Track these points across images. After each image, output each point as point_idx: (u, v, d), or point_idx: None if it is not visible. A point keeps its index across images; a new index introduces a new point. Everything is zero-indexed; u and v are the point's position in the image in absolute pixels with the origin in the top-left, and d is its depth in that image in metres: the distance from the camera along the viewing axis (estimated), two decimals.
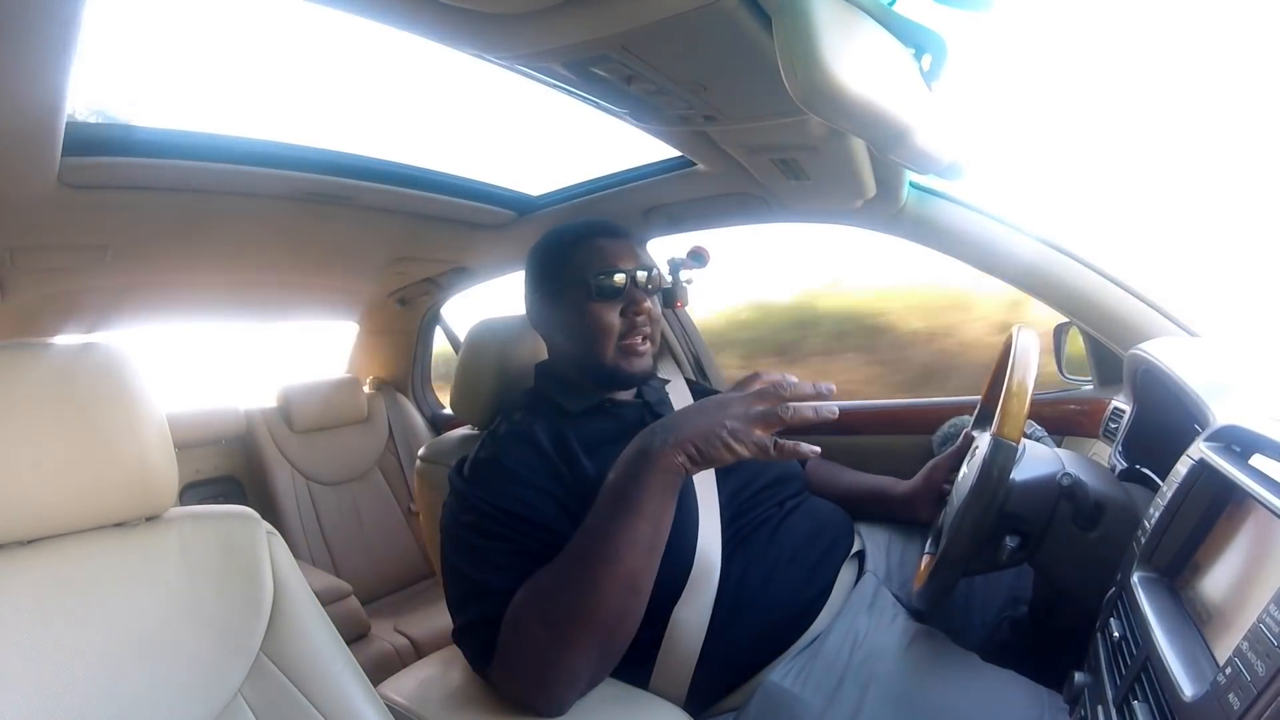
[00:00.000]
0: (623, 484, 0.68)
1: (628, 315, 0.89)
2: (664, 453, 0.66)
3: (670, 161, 1.22)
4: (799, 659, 0.78)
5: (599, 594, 0.65)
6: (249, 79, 4.63)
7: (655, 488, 0.67)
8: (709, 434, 0.66)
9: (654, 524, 0.67)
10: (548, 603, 0.68)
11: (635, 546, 0.66)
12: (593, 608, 0.66)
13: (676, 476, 0.67)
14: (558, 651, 0.67)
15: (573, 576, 0.67)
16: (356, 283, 1.94)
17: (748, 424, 0.65)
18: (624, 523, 0.66)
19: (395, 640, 1.65)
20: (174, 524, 0.65)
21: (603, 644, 0.68)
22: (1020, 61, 2.21)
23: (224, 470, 2.01)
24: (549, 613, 0.67)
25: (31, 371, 0.58)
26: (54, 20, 0.60)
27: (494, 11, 0.64)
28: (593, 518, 0.69)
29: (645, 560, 0.67)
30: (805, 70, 0.54)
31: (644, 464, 0.67)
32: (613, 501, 0.68)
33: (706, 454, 0.66)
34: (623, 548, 0.66)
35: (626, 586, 0.66)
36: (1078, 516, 0.74)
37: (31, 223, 1.09)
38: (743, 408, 0.67)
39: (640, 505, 0.66)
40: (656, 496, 0.67)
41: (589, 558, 0.67)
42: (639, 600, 0.68)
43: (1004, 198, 1.15)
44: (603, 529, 0.67)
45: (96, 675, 0.56)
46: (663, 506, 0.68)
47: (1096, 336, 1.16)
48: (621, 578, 0.66)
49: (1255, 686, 0.37)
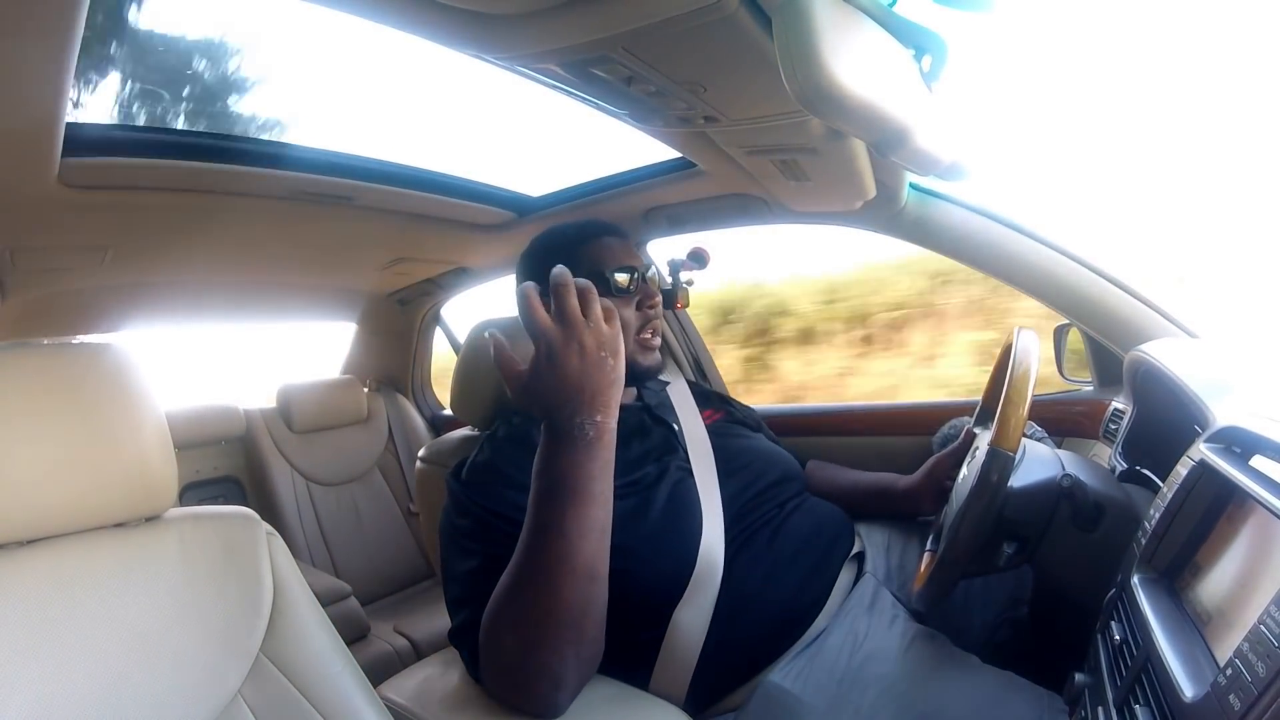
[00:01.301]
0: (563, 473, 0.64)
1: (643, 309, 0.91)
2: (592, 427, 0.63)
3: (670, 163, 1.22)
4: (799, 659, 0.78)
5: (559, 591, 0.63)
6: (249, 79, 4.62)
7: (599, 468, 0.64)
8: (598, 378, 0.63)
9: (603, 506, 0.65)
10: (511, 607, 0.66)
11: (590, 535, 0.64)
12: (554, 605, 0.64)
13: (610, 443, 0.65)
14: (531, 655, 0.65)
15: (530, 579, 0.65)
16: (356, 283, 1.94)
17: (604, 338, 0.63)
18: (578, 513, 0.63)
19: (395, 641, 1.65)
20: (174, 524, 0.65)
21: (574, 638, 0.66)
22: (1020, 62, 2.21)
23: (224, 470, 2.01)
24: (513, 617, 0.66)
25: (31, 371, 0.58)
26: (54, 21, 0.60)
27: (494, 12, 0.64)
28: (539, 515, 0.65)
29: (599, 544, 0.65)
30: (805, 70, 0.54)
31: (581, 449, 0.63)
32: (559, 493, 0.64)
33: (610, 392, 0.64)
34: (577, 540, 0.63)
35: (586, 576, 0.64)
36: (1078, 518, 0.74)
37: (31, 223, 1.09)
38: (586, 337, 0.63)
39: (590, 491, 0.64)
40: (601, 477, 0.65)
41: (544, 557, 0.64)
42: (599, 585, 0.66)
43: (1004, 198, 1.15)
44: (556, 525, 0.64)
45: (96, 676, 0.56)
46: (608, 485, 0.65)
47: (1096, 337, 1.16)
48: (581, 569, 0.64)
49: (1256, 687, 0.37)
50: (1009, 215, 1.14)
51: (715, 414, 1.05)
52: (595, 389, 0.63)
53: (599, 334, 0.64)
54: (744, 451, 0.96)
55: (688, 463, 0.89)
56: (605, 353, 0.63)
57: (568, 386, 0.63)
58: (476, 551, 0.76)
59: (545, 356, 0.63)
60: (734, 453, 0.94)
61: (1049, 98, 2.57)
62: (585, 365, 0.63)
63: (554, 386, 0.63)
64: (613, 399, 0.65)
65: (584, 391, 0.63)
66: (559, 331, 0.63)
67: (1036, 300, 1.16)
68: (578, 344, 0.63)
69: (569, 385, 0.63)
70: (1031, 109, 2.53)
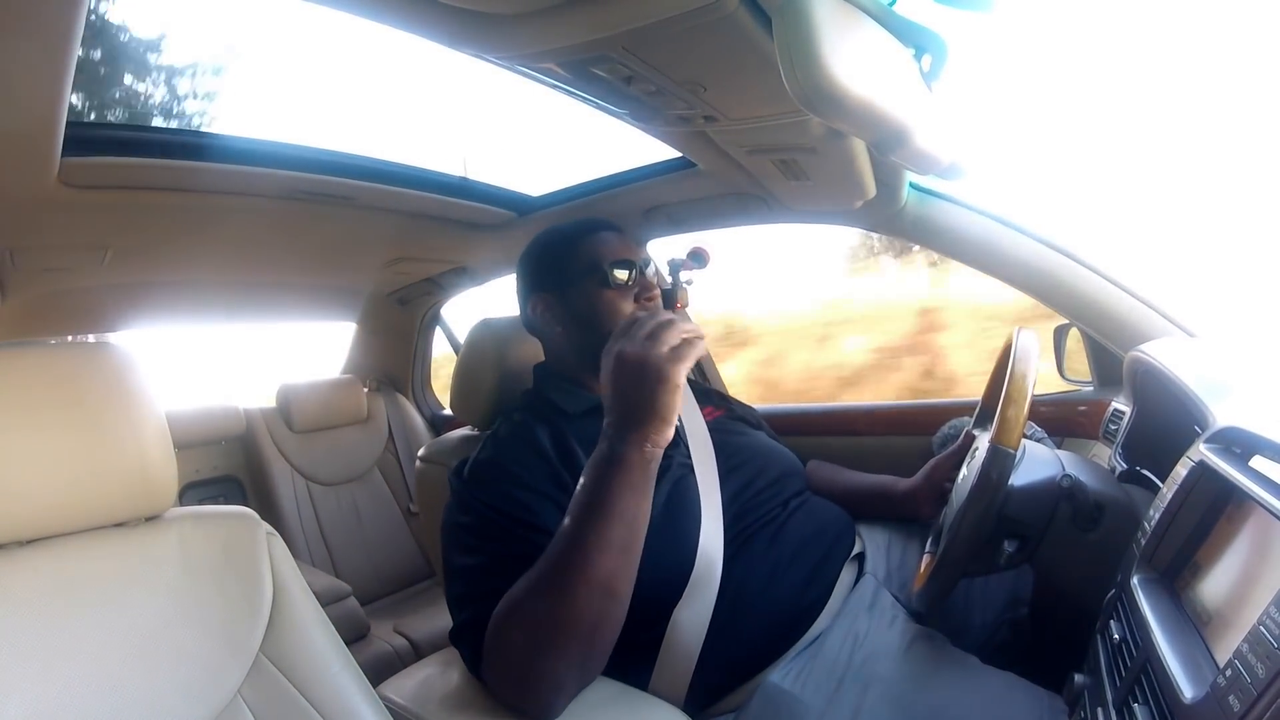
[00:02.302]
0: (591, 488, 0.65)
1: (640, 303, 0.91)
2: (628, 448, 0.65)
3: (670, 162, 1.22)
4: (799, 660, 0.78)
5: (573, 601, 0.64)
6: (249, 79, 4.64)
7: (624, 487, 0.65)
8: (651, 400, 0.64)
9: (627, 525, 0.65)
10: (525, 611, 0.66)
11: (608, 550, 0.64)
12: (567, 615, 0.64)
13: (648, 466, 0.66)
14: (538, 658, 0.65)
15: (547, 585, 0.65)
16: (356, 283, 1.94)
17: (667, 360, 0.64)
18: (595, 528, 0.64)
19: (394, 641, 1.64)
20: (174, 524, 0.65)
21: (583, 649, 0.66)
22: (1021, 61, 2.21)
23: (224, 470, 2.00)
24: (526, 621, 0.66)
25: (31, 371, 0.58)
26: (54, 20, 0.60)
27: (494, 11, 0.64)
28: (566, 524, 0.67)
29: (619, 562, 0.65)
30: (805, 70, 0.54)
31: (611, 466, 0.65)
32: (584, 507, 0.65)
33: (662, 415, 0.64)
34: (594, 554, 0.64)
35: (601, 591, 0.64)
36: (1078, 518, 0.74)
37: (31, 223, 1.09)
38: (654, 348, 0.65)
39: (610, 508, 0.64)
40: (627, 495, 0.65)
41: (561, 565, 0.65)
42: (616, 602, 0.66)
43: (1004, 198, 1.15)
44: (574, 536, 0.65)
45: (95, 675, 0.56)
46: (636, 505, 0.66)
47: (1096, 338, 1.16)
48: (595, 583, 0.64)
49: (1255, 688, 0.37)
50: (1009, 215, 1.14)
51: (715, 411, 1.05)
52: (646, 410, 0.64)
53: (656, 354, 0.64)
54: (745, 449, 0.96)
55: (689, 459, 0.89)
56: (666, 379, 0.64)
57: (627, 396, 0.66)
58: (478, 549, 0.76)
59: (626, 360, 0.66)
60: (734, 450, 0.94)
61: (1049, 97, 2.57)
62: (631, 381, 0.65)
63: (622, 391, 0.66)
64: (657, 426, 0.65)
65: (640, 407, 0.64)
66: (642, 339, 0.66)
67: (1036, 300, 1.16)
68: (654, 356, 0.64)
69: (628, 394, 0.65)
70: (1031, 109, 2.53)
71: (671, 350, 0.65)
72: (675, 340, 0.65)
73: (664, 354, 0.65)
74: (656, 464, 0.66)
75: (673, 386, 0.64)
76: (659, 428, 0.65)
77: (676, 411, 0.65)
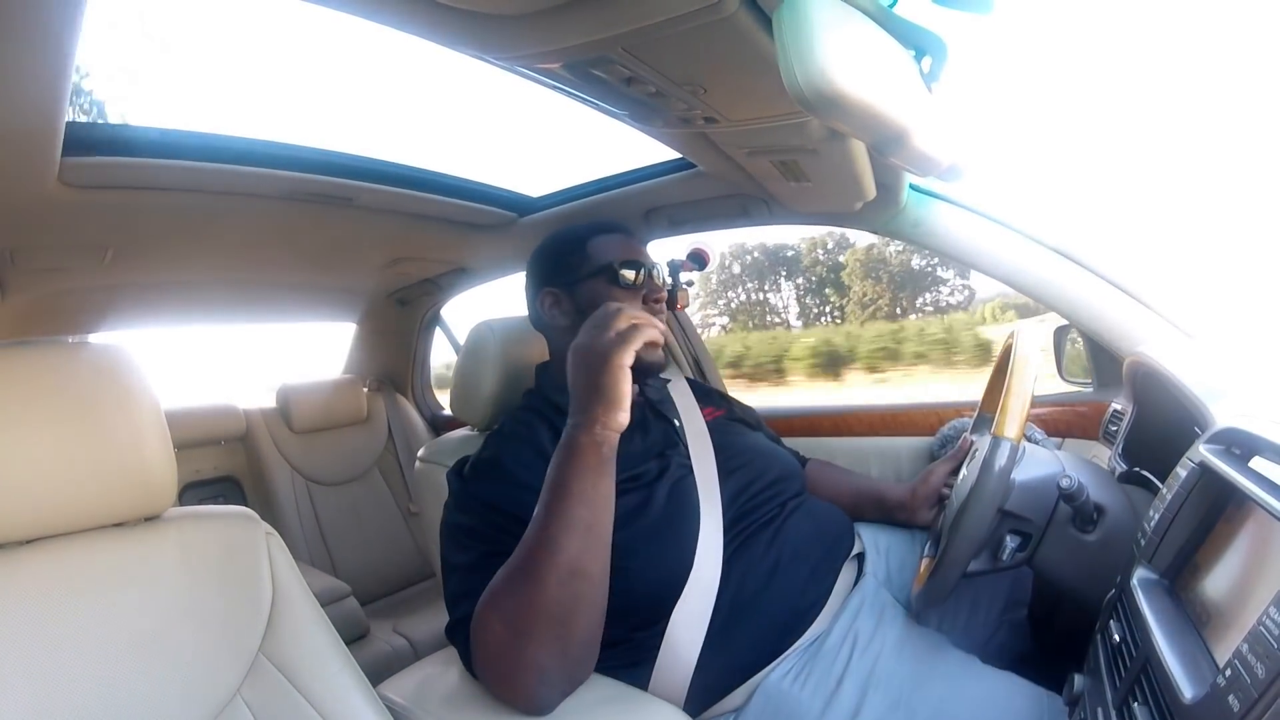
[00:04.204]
0: (552, 474, 0.68)
1: (648, 304, 0.93)
2: (579, 433, 0.67)
3: (671, 163, 1.22)
4: (798, 660, 0.78)
5: (544, 585, 0.65)
6: (249, 79, 4.65)
7: (581, 469, 0.67)
8: (596, 383, 0.67)
9: (588, 504, 0.67)
10: (500, 600, 0.67)
11: (571, 530, 0.65)
12: (539, 599, 0.65)
13: (601, 449, 0.67)
14: (516, 647, 0.66)
15: (519, 572, 0.67)
16: (356, 283, 1.94)
17: (611, 344, 0.67)
18: (556, 510, 0.66)
19: (394, 641, 1.65)
20: (173, 524, 0.65)
21: (560, 634, 0.66)
22: (1021, 63, 2.22)
23: (224, 470, 2.00)
24: (502, 609, 0.67)
25: (31, 371, 0.58)
26: (54, 20, 0.60)
27: (494, 12, 0.64)
28: (535, 513, 0.69)
29: (585, 542, 0.66)
30: (805, 71, 0.54)
31: (566, 450, 0.68)
32: (547, 492, 0.68)
33: (608, 397, 0.67)
34: (559, 535, 0.65)
35: (569, 571, 0.65)
36: (1077, 518, 0.74)
37: (31, 223, 1.09)
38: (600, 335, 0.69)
39: (569, 489, 0.66)
40: (586, 476, 0.67)
41: (530, 551, 0.67)
42: (589, 584, 0.67)
43: (1004, 199, 1.15)
44: (540, 520, 0.67)
45: (95, 675, 0.56)
46: (594, 485, 0.67)
47: (1096, 339, 1.16)
48: (563, 564, 0.65)
49: (1255, 689, 0.37)
50: (1008, 216, 1.14)
51: (715, 411, 1.05)
52: (594, 391, 0.68)
53: (602, 340, 0.68)
54: (744, 449, 0.96)
55: (688, 459, 0.89)
56: (599, 359, 0.67)
57: (580, 379, 0.69)
58: (476, 547, 0.76)
59: (570, 358, 0.70)
60: (734, 450, 0.94)
61: (1048, 99, 2.57)
62: (581, 368, 0.68)
63: (578, 376, 0.70)
64: (596, 403, 0.67)
65: (590, 390, 0.68)
66: (583, 331, 0.69)
67: (1036, 301, 1.17)
68: (585, 346, 0.68)
69: (580, 378, 0.69)
70: (1031, 110, 2.53)
71: (617, 334, 0.68)
72: (623, 325, 0.68)
73: (609, 338, 0.68)
74: (610, 446, 0.68)
75: (614, 367, 0.67)
76: (608, 409, 0.67)
77: (625, 394, 0.68)
